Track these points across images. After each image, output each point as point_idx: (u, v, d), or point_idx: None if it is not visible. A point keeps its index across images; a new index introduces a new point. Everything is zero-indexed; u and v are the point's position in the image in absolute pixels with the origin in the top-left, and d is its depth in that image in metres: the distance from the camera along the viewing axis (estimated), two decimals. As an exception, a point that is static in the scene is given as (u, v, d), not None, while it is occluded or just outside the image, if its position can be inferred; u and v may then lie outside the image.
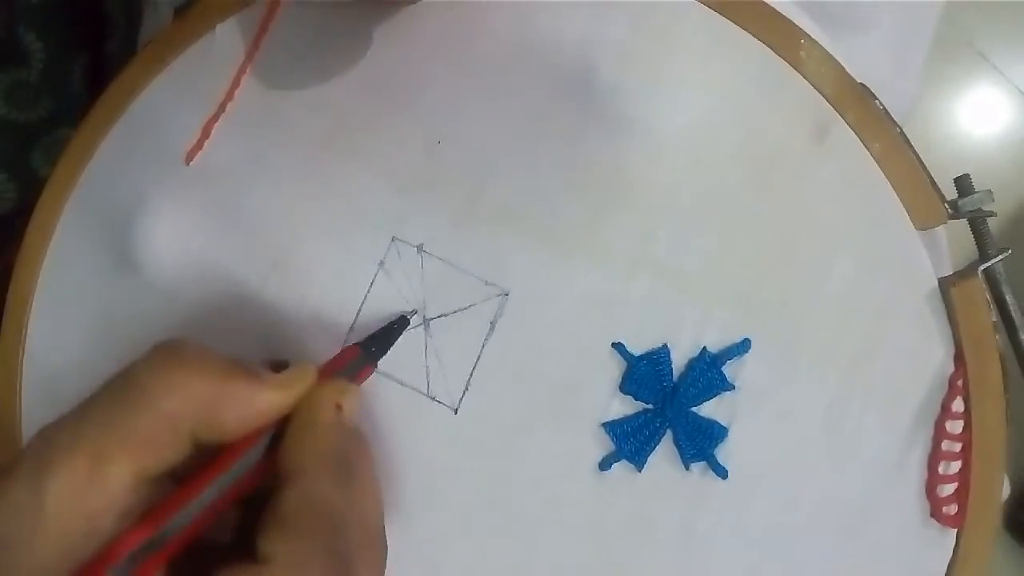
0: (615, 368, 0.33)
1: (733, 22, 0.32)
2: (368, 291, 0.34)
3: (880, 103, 0.32)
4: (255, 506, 0.26)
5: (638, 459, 0.32)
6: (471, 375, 0.33)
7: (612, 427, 0.33)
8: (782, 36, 0.32)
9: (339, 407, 0.27)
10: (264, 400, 0.26)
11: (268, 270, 0.34)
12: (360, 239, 0.34)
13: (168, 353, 0.26)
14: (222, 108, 0.34)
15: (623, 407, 0.33)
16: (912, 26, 0.39)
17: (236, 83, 0.34)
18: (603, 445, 0.33)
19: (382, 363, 0.33)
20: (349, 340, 0.34)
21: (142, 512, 0.24)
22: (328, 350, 0.33)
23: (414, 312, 0.33)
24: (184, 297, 0.35)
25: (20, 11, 0.40)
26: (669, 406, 0.32)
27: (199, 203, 0.35)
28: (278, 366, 0.27)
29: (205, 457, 0.26)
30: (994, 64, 0.84)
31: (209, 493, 0.25)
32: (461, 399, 0.33)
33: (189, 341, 0.27)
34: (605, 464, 0.33)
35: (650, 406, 0.33)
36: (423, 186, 0.34)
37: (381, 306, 0.34)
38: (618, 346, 0.33)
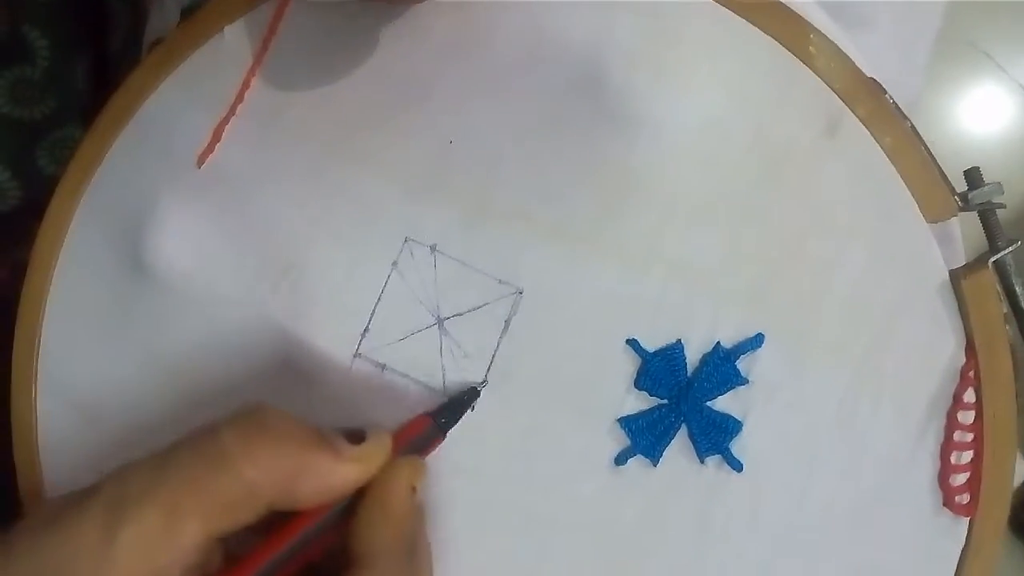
0: (629, 364, 0.33)
1: (742, 18, 0.32)
2: (382, 292, 0.34)
3: (890, 97, 0.32)
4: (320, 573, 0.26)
5: (653, 454, 0.33)
6: (486, 373, 0.33)
7: (627, 422, 0.33)
8: (791, 31, 0.32)
9: (414, 489, 0.28)
10: (342, 475, 0.27)
11: (280, 272, 0.34)
12: (372, 240, 0.34)
13: (254, 420, 0.26)
14: (232, 110, 0.34)
15: (638, 403, 0.33)
16: (916, 23, 0.39)
17: (246, 85, 0.34)
18: (618, 441, 0.33)
19: (397, 363, 0.34)
20: (363, 343, 0.34)
21: (207, 573, 0.25)
22: (342, 353, 0.33)
23: (485, 384, 0.33)
24: (196, 300, 0.35)
25: (24, 8, 0.40)
26: (684, 401, 0.33)
27: (210, 206, 0.35)
28: (354, 436, 0.28)
29: (275, 519, 0.26)
30: (998, 62, 0.84)
31: (278, 559, 0.26)
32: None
33: (274, 408, 0.27)
34: (621, 459, 0.33)
35: (664, 401, 0.33)
36: (435, 186, 0.34)
37: (395, 307, 0.34)
38: (632, 342, 0.33)
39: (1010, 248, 0.31)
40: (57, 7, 0.41)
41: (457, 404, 0.32)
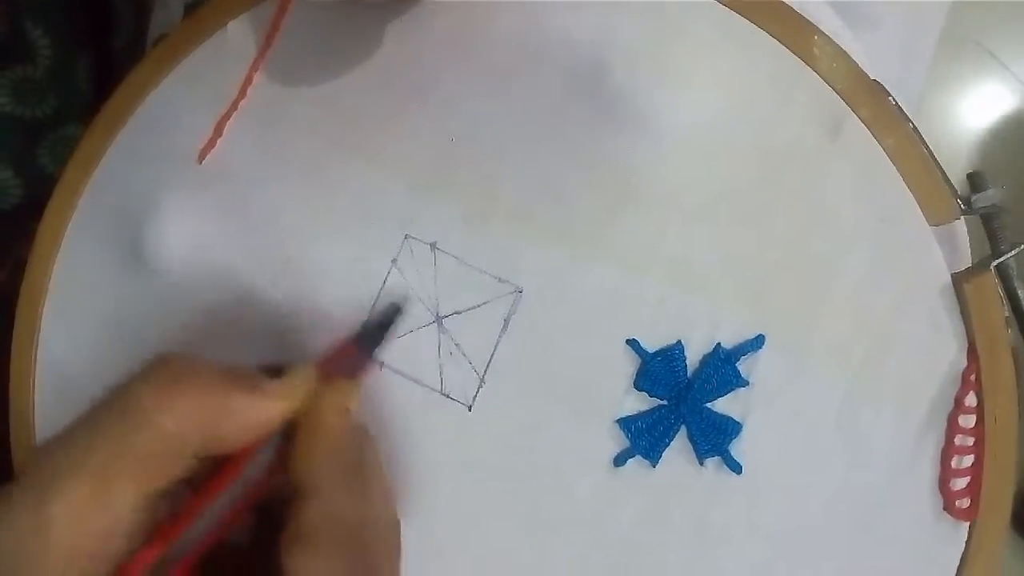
0: (629, 364, 0.33)
1: (745, 18, 0.32)
2: (381, 289, 0.34)
3: (893, 99, 0.32)
4: (273, 508, 0.26)
5: (652, 455, 0.33)
6: (485, 372, 0.33)
7: (626, 423, 0.33)
8: (795, 32, 0.32)
9: (347, 411, 0.27)
10: (265, 411, 0.26)
11: (280, 268, 0.34)
12: (373, 237, 0.34)
13: (164, 370, 0.26)
14: (234, 106, 0.34)
15: (637, 403, 0.33)
16: (919, 23, 0.39)
17: (248, 81, 0.34)
18: (618, 441, 0.33)
19: (396, 361, 0.34)
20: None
21: (151, 530, 0.24)
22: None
23: (406, 298, 0.33)
24: (195, 295, 0.35)
25: (27, 6, 0.40)
26: (683, 402, 0.32)
27: (211, 200, 0.35)
28: (275, 371, 0.27)
29: (213, 466, 0.26)
30: (1001, 61, 0.84)
31: (219, 505, 0.25)
32: (475, 396, 0.33)
33: (183, 356, 0.26)
34: (620, 460, 0.33)
35: (664, 402, 0.33)
36: (436, 184, 0.34)
37: (395, 304, 0.34)
38: (632, 343, 0.33)
39: (1013, 252, 0.31)
40: (60, 5, 0.41)
41: (379, 323, 0.31)
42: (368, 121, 0.34)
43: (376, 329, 0.30)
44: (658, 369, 0.33)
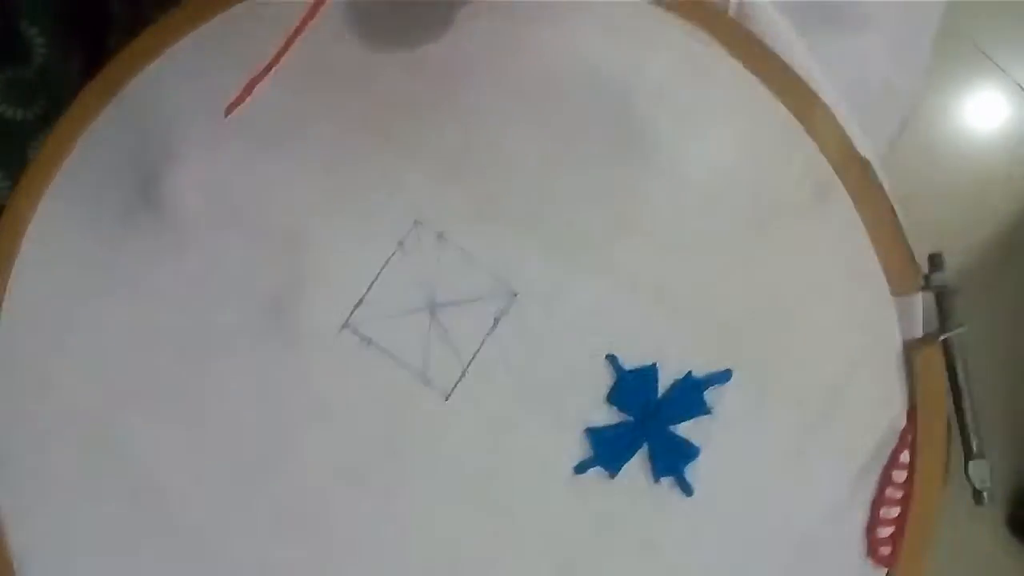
0: (605, 378, 0.35)
1: (761, 82, 0.35)
2: (383, 268, 0.35)
3: (876, 176, 0.35)
4: None
5: (613, 466, 0.34)
6: (468, 365, 0.35)
7: (593, 434, 0.34)
8: (803, 103, 0.35)
9: None
10: None
11: (289, 230, 0.35)
12: (383, 217, 0.35)
13: None
14: (269, 68, 0.35)
15: (607, 416, 0.35)
16: (914, 25, 0.40)
17: (287, 45, 0.35)
18: (582, 450, 0.34)
19: (383, 338, 0.34)
20: (354, 314, 0.35)
21: None
22: (338, 317, 0.34)
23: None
24: (196, 243, 0.35)
25: (22, 6, 0.40)
26: (650, 420, 0.34)
27: (230, 156, 0.35)
28: None
29: None
30: (997, 63, 0.88)
31: None
32: (454, 387, 0.35)
33: None
34: (581, 468, 0.34)
35: (631, 418, 0.35)
36: (452, 178, 0.35)
37: (393, 286, 0.35)
38: (611, 358, 0.35)
39: (957, 331, 0.35)
40: (55, 5, 0.41)
41: None
42: (397, 109, 0.35)
43: None
44: (631, 386, 0.35)
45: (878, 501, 0.34)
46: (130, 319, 0.34)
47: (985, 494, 0.34)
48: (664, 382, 0.35)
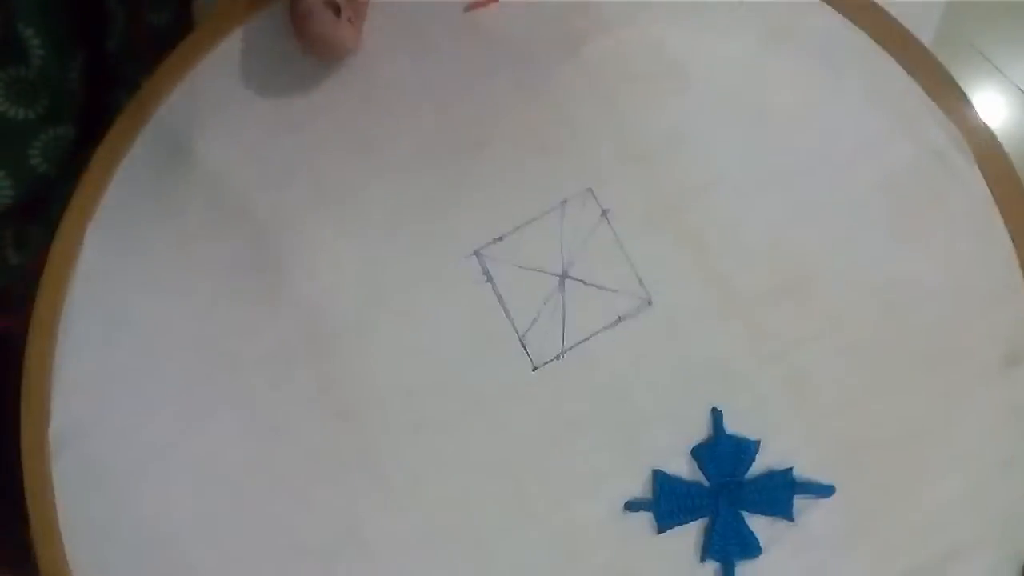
0: (700, 430, 0.32)
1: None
2: (537, 217, 0.33)
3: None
4: None
5: (666, 521, 0.31)
6: (569, 349, 0.32)
7: (662, 478, 0.31)
8: None
9: None
10: None
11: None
12: (559, 171, 0.33)
13: None
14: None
15: (683, 468, 0.31)
16: (913, 25, 0.37)
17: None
18: (641, 488, 0.31)
19: (503, 287, 0.33)
20: (490, 247, 0.33)
21: None
22: (473, 244, 0.33)
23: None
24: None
25: (20, 7, 0.41)
26: (726, 495, 0.31)
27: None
28: None
29: None
30: (995, 63, 0.83)
31: None
32: (546, 363, 0.32)
33: None
34: (633, 506, 0.31)
35: (707, 484, 0.31)
36: (641, 162, 0.33)
37: (537, 240, 0.33)
38: (716, 413, 0.31)
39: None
40: (53, 7, 0.41)
41: None
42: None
43: None
44: (724, 451, 0.31)
45: None
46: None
47: None
48: (760, 464, 0.31)
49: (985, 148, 0.33)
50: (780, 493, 0.31)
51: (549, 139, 0.34)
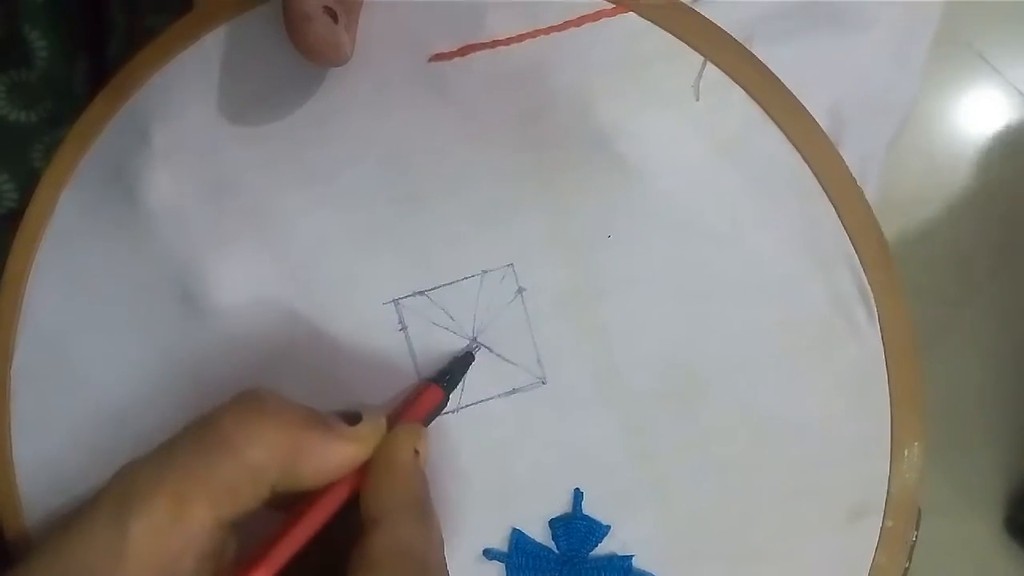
0: (561, 504, 0.35)
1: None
2: (457, 281, 0.35)
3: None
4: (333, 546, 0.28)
5: (514, 574, 0.35)
6: (464, 407, 0.35)
7: (519, 536, 0.35)
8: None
9: (416, 452, 0.29)
10: (340, 453, 0.28)
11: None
12: (485, 241, 0.35)
13: (251, 403, 0.27)
14: (491, 45, 0.34)
15: (538, 533, 0.35)
16: (913, 25, 0.39)
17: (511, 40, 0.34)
18: (500, 542, 0.35)
19: (415, 336, 0.35)
20: (409, 299, 0.35)
21: (237, 556, 0.27)
22: (396, 292, 0.35)
23: (478, 348, 0.34)
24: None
25: (26, 9, 0.40)
26: (569, 566, 0.35)
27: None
28: (350, 416, 0.29)
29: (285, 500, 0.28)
30: (993, 65, 0.87)
31: (301, 536, 0.27)
32: (441, 415, 0.35)
33: (270, 391, 0.28)
34: (490, 554, 0.35)
35: (556, 552, 0.35)
36: (566, 250, 0.34)
37: (454, 297, 0.35)
38: (578, 493, 0.35)
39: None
40: (58, 9, 0.41)
41: (455, 368, 0.34)
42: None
43: (450, 376, 0.33)
44: (577, 527, 0.35)
45: None
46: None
47: None
48: (606, 547, 0.35)
49: (892, 307, 0.33)
50: (617, 575, 0.35)
51: (484, 207, 0.35)
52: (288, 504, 0.28)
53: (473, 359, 0.34)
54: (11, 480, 0.37)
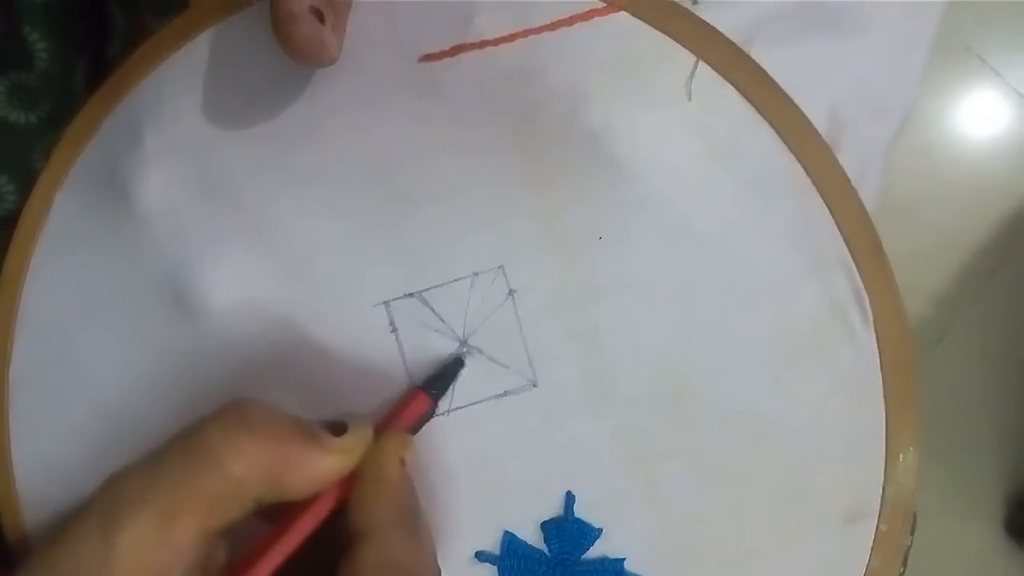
0: (553, 507, 0.35)
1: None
2: (448, 283, 0.34)
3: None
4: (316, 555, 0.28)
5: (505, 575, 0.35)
6: (455, 409, 0.35)
7: (511, 539, 0.35)
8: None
9: (403, 461, 0.29)
10: (326, 466, 0.28)
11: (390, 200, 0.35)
12: (476, 242, 0.34)
13: (236, 416, 0.27)
14: (481, 45, 0.34)
15: (530, 536, 0.35)
16: (912, 28, 0.39)
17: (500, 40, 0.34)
18: (492, 544, 0.35)
19: (405, 337, 0.35)
20: (400, 300, 0.35)
21: (217, 569, 0.26)
22: (390, 294, 0.34)
23: (466, 352, 0.34)
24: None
25: (27, 10, 0.40)
26: (560, 569, 0.35)
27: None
28: (336, 427, 0.29)
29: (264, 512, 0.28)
30: (992, 67, 0.87)
31: (285, 549, 0.27)
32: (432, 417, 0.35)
33: (256, 401, 0.28)
34: (482, 556, 0.35)
35: (548, 554, 0.35)
36: (557, 251, 0.34)
37: (445, 299, 0.35)
38: (570, 496, 0.34)
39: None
40: (59, 11, 0.41)
41: (442, 377, 0.34)
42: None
43: (439, 382, 0.33)
44: (569, 530, 0.35)
45: None
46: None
47: None
48: (598, 550, 0.35)
49: (888, 310, 0.33)
50: (608, 579, 0.35)
51: (475, 208, 0.34)
52: (276, 512, 0.28)
53: (463, 365, 0.34)
54: (10, 480, 0.37)
